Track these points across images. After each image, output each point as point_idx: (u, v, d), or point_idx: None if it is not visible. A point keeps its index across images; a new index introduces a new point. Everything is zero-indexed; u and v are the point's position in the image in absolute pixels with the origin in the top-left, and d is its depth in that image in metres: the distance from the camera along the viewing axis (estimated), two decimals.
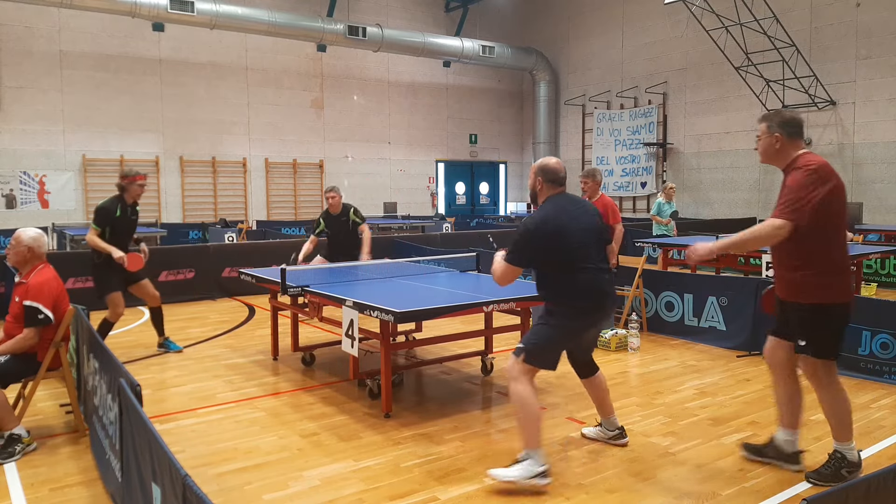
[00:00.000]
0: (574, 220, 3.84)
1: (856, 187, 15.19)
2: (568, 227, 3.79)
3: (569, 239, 3.78)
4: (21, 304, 4.32)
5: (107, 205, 6.34)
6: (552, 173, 3.93)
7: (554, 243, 3.76)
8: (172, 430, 4.56)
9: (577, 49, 21.63)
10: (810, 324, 3.53)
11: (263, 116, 18.66)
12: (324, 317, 5.61)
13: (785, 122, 3.60)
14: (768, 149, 3.65)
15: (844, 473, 3.60)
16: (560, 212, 3.83)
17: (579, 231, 3.82)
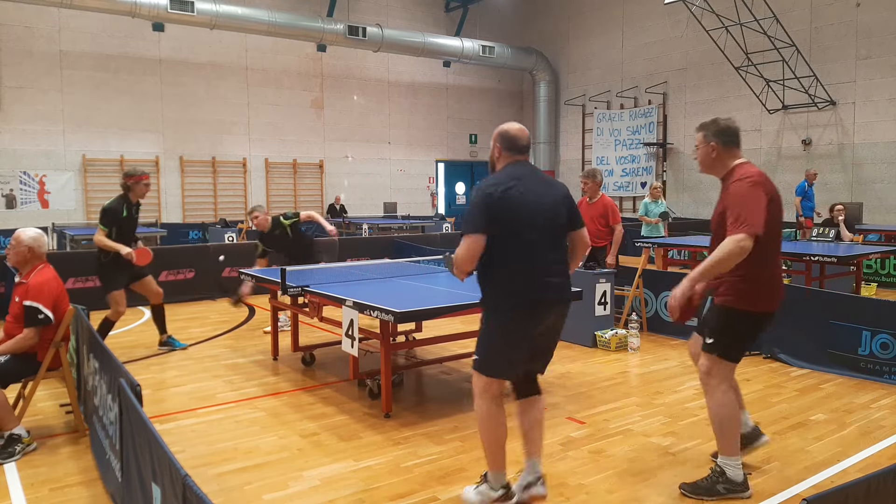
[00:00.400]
0: (530, 193, 3.28)
1: (856, 187, 15.19)
2: (521, 198, 3.25)
3: (518, 211, 3.23)
4: (21, 304, 4.32)
5: (113, 205, 6.41)
6: (510, 140, 3.45)
7: (502, 212, 3.21)
8: (172, 430, 4.56)
9: (577, 49, 21.63)
10: (723, 324, 3.52)
11: (263, 116, 18.66)
12: (324, 317, 5.61)
13: (721, 130, 3.57)
14: (705, 158, 3.64)
15: (721, 489, 3.46)
16: (514, 180, 3.29)
17: (534, 207, 3.26)
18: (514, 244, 3.24)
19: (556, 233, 3.36)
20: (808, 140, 16.13)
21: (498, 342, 3.30)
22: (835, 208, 10.78)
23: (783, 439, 4.34)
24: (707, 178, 18.36)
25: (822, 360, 5.92)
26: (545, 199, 3.33)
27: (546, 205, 3.32)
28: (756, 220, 3.27)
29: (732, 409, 3.52)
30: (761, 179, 3.43)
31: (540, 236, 3.27)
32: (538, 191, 3.33)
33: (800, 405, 5.02)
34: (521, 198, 3.25)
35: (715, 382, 3.55)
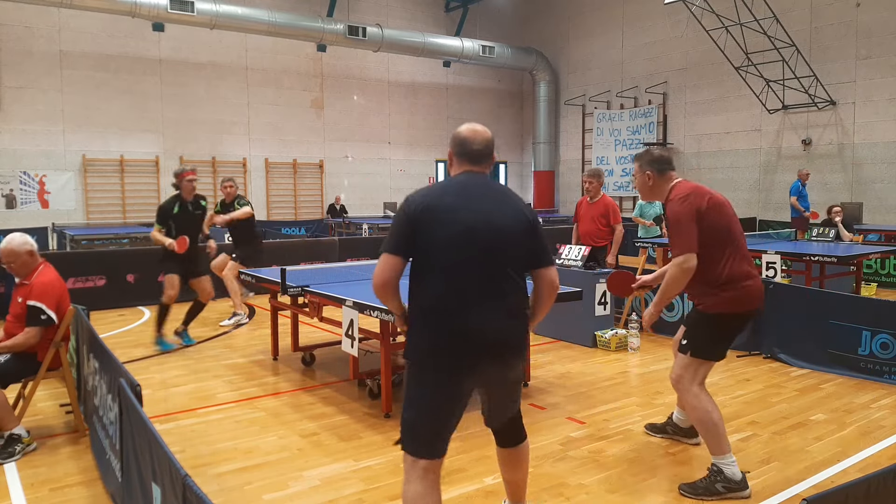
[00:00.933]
0: (466, 211, 2.61)
1: (856, 187, 15.19)
2: (447, 217, 2.59)
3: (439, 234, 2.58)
4: (24, 303, 4.31)
5: (165, 204, 6.95)
6: (459, 143, 2.85)
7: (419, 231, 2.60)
8: (172, 430, 4.56)
9: (577, 49, 21.63)
10: (694, 325, 3.77)
11: (263, 116, 18.66)
12: (324, 317, 5.61)
13: (654, 160, 3.79)
14: (642, 187, 3.85)
15: (720, 488, 3.50)
16: (448, 195, 2.67)
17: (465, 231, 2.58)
18: (426, 278, 2.65)
19: (497, 265, 2.63)
20: (808, 140, 16.13)
21: (417, 406, 2.66)
22: (833, 209, 10.79)
23: (783, 439, 4.34)
24: (707, 178, 18.36)
25: (822, 360, 5.91)
26: (489, 221, 2.62)
27: (488, 229, 2.60)
28: (687, 240, 3.49)
29: (707, 412, 3.57)
30: (692, 194, 3.59)
31: (468, 268, 2.59)
32: (480, 210, 2.64)
33: (800, 405, 5.02)
34: (449, 216, 2.59)
35: (687, 384, 3.65)
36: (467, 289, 2.59)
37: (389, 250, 2.65)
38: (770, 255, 7.81)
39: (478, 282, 2.60)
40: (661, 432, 4.38)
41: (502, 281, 2.64)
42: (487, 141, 2.82)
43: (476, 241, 2.60)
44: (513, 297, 2.67)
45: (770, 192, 17.02)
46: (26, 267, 4.44)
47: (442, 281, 2.61)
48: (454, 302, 2.59)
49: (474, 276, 2.60)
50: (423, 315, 2.66)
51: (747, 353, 6.43)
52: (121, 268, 9.43)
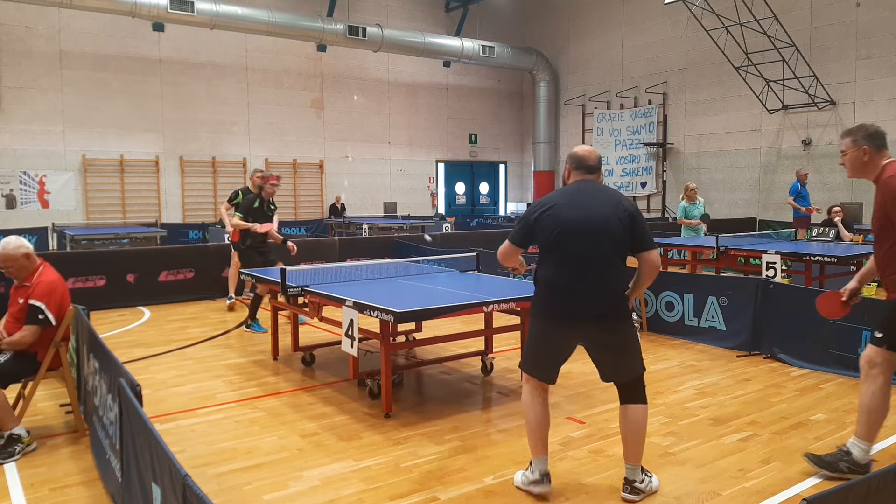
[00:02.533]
0: (574, 211, 3.41)
1: (856, 187, 15.19)
2: (557, 217, 3.42)
3: (551, 229, 3.42)
4: (25, 304, 4.31)
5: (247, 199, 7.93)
6: (577, 160, 3.61)
7: (536, 231, 3.48)
8: (172, 430, 4.56)
9: (577, 49, 21.63)
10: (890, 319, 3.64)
11: (263, 116, 18.66)
12: (324, 317, 5.61)
13: (870, 134, 3.67)
14: (856, 162, 3.74)
15: (843, 467, 3.64)
16: (562, 197, 3.50)
17: (571, 226, 3.39)
18: (547, 260, 3.49)
19: (599, 251, 3.39)
20: (808, 140, 16.13)
21: (531, 340, 3.60)
22: (833, 209, 10.79)
23: (783, 439, 4.34)
24: (707, 178, 18.38)
25: (822, 360, 5.91)
26: (592, 218, 3.40)
27: (590, 223, 3.39)
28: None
29: (883, 400, 3.62)
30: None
31: (574, 254, 3.39)
32: (585, 209, 3.42)
33: (800, 405, 5.02)
34: (558, 216, 3.42)
35: (875, 373, 3.64)
36: (575, 270, 3.40)
37: (511, 240, 3.59)
38: (770, 255, 7.81)
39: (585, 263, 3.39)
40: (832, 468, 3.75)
41: (603, 262, 3.39)
42: (597, 157, 3.63)
43: (582, 233, 3.38)
44: (609, 275, 3.41)
45: (770, 192, 17.02)
46: (24, 270, 4.43)
47: (554, 265, 3.45)
48: (564, 280, 3.42)
49: (582, 260, 3.39)
50: (543, 288, 3.51)
51: (747, 353, 6.43)
52: (121, 268, 9.42)
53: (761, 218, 16.76)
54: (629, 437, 3.52)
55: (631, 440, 3.51)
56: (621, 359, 3.52)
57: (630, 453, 3.52)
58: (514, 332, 5.65)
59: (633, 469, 3.53)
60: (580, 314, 3.41)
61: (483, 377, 5.85)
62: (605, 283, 3.40)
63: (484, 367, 5.90)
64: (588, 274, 3.39)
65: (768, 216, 16.74)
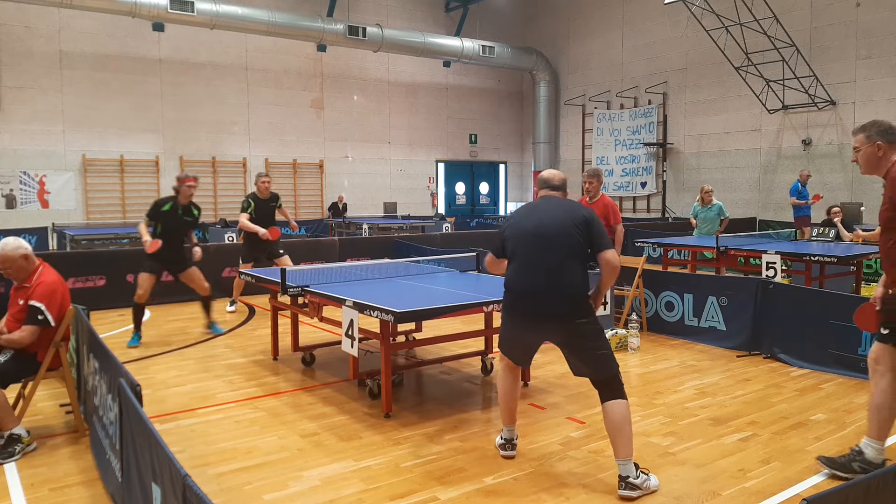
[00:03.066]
0: (533, 221, 3.83)
1: (856, 187, 15.19)
2: (520, 226, 3.87)
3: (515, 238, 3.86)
4: (25, 305, 4.31)
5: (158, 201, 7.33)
6: (541, 181, 4.07)
7: (506, 238, 3.91)
8: (172, 430, 4.56)
9: (577, 49, 21.63)
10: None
11: (263, 116, 18.66)
12: (324, 317, 5.61)
13: (884, 130, 3.61)
14: (870, 157, 3.65)
15: (856, 467, 3.68)
16: (524, 210, 4.02)
17: (531, 233, 3.79)
18: (510, 264, 3.89)
19: (552, 255, 3.70)
20: (808, 140, 16.13)
21: (501, 330, 4.04)
22: (832, 209, 10.79)
23: (783, 439, 4.34)
24: (707, 178, 18.37)
25: (822, 360, 5.91)
26: (543, 225, 3.76)
27: (542, 230, 3.75)
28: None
29: (891, 397, 3.63)
30: None
31: (528, 258, 3.76)
32: (538, 219, 3.82)
33: (800, 405, 5.02)
34: (517, 226, 3.88)
35: (882, 369, 3.66)
36: (532, 272, 3.74)
37: (492, 251, 4.04)
38: (770, 255, 7.81)
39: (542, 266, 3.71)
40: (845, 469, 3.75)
41: (560, 265, 3.68)
42: (560, 178, 4.04)
43: (540, 239, 3.74)
44: (567, 276, 3.68)
45: (770, 192, 17.02)
46: (23, 271, 4.42)
47: (516, 268, 3.83)
48: (523, 281, 3.78)
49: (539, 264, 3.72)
50: (507, 289, 3.88)
51: (747, 353, 6.43)
52: (121, 268, 9.41)
53: (761, 218, 16.76)
54: (613, 433, 3.60)
55: (616, 435, 3.59)
56: (587, 356, 3.69)
57: (618, 449, 3.59)
58: None
59: (625, 464, 3.56)
60: (536, 313, 3.74)
61: (483, 377, 5.85)
62: (559, 284, 3.67)
63: (484, 367, 5.90)
64: (542, 276, 3.69)
65: (768, 216, 16.74)
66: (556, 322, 3.69)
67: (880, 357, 3.65)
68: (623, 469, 3.56)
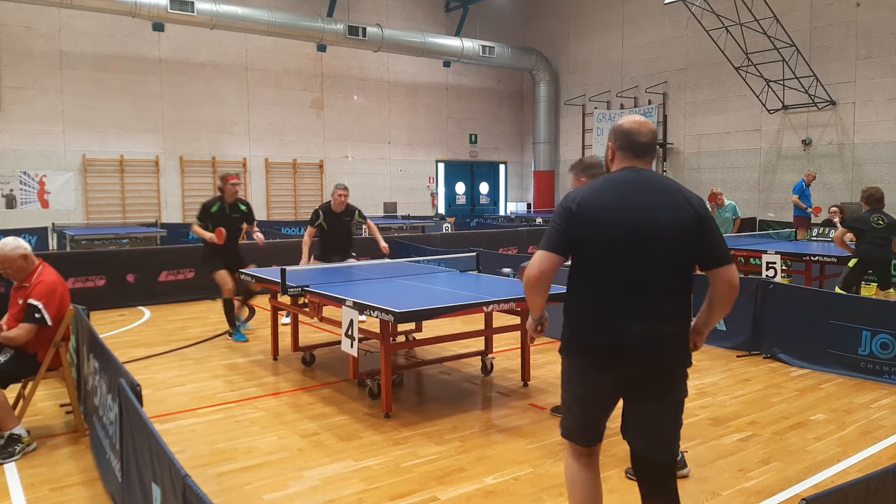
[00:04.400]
0: (625, 209, 2.50)
1: (856, 187, 15.17)
2: (610, 216, 2.51)
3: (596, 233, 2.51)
4: (25, 303, 4.30)
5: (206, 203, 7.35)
6: (623, 136, 2.64)
7: (581, 232, 2.54)
8: (172, 430, 4.56)
9: (577, 49, 21.63)
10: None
11: (263, 116, 18.65)
12: (324, 317, 5.61)
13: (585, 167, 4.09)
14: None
15: None
16: (607, 190, 2.57)
17: (622, 229, 2.49)
18: (588, 275, 2.57)
19: (658, 266, 2.50)
20: (808, 140, 16.13)
21: (565, 396, 2.71)
22: (832, 209, 10.78)
23: (783, 439, 4.34)
24: (707, 178, 18.38)
25: (822, 360, 5.91)
26: (649, 220, 2.49)
27: (647, 227, 2.49)
28: None
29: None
30: None
31: (625, 268, 2.50)
32: (642, 206, 2.51)
33: (800, 405, 5.02)
34: (606, 215, 2.51)
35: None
36: (624, 290, 2.50)
37: (545, 247, 2.57)
38: (770, 255, 7.81)
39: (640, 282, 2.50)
40: None
41: (664, 283, 2.52)
42: (651, 132, 2.65)
43: (636, 240, 2.49)
44: (668, 302, 2.53)
45: (770, 192, 17.02)
46: (23, 271, 4.42)
47: (598, 283, 2.54)
48: (609, 303, 2.52)
49: (636, 278, 2.50)
50: (579, 313, 2.61)
51: (747, 353, 6.43)
52: (121, 268, 9.42)
53: (761, 218, 16.76)
54: None
55: None
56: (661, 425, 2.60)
57: None
58: (514, 332, 5.65)
59: None
60: (628, 353, 2.51)
61: (483, 377, 5.85)
62: (668, 318, 2.53)
63: (484, 367, 5.90)
64: (638, 300, 2.51)
65: (768, 216, 16.74)
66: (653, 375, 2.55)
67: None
68: None
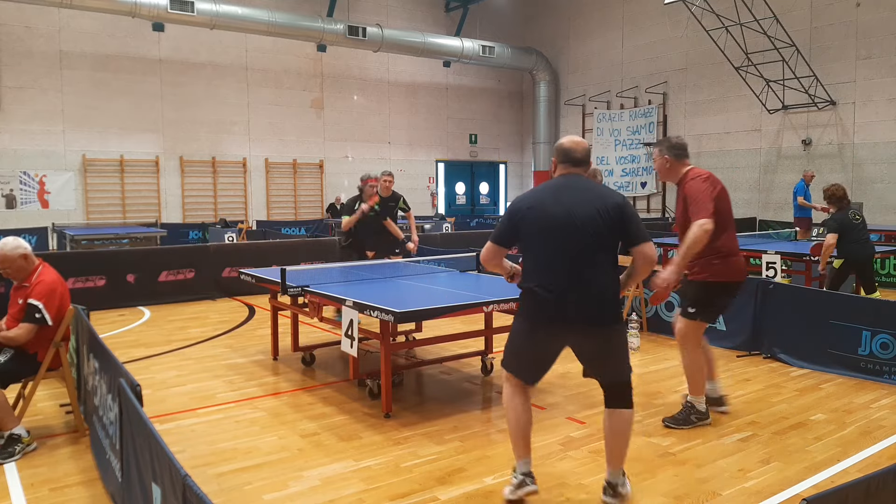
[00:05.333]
0: (558, 206, 3.27)
1: (856, 187, 15.18)
2: (542, 212, 3.29)
3: (534, 227, 3.30)
4: (25, 303, 4.31)
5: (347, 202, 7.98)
6: (562, 152, 3.47)
7: (521, 227, 3.35)
8: (172, 430, 4.56)
9: (577, 49, 21.63)
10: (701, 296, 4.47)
11: (263, 116, 18.65)
12: (324, 317, 5.60)
13: (672, 146, 4.50)
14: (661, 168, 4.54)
15: (693, 419, 4.53)
16: (545, 192, 3.38)
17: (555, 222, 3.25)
18: (529, 260, 3.37)
19: (584, 250, 3.23)
20: (808, 140, 16.13)
21: (512, 341, 3.51)
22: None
23: (783, 439, 4.34)
24: None
25: (822, 360, 5.91)
26: (574, 214, 3.24)
27: (573, 220, 3.23)
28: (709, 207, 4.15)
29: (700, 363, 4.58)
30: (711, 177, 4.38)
31: (557, 254, 3.25)
32: (567, 205, 3.26)
33: (800, 405, 5.02)
34: (540, 213, 3.30)
35: (689, 342, 4.54)
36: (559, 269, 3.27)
37: (492, 239, 3.46)
38: (770, 255, 7.81)
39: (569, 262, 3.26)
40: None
41: (589, 261, 3.25)
42: (584, 148, 3.50)
43: (567, 229, 3.25)
44: (597, 274, 3.26)
45: (770, 192, 17.02)
46: (23, 271, 4.42)
47: (537, 264, 3.32)
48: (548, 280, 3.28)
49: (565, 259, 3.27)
50: (527, 289, 3.37)
51: (747, 353, 6.43)
52: (121, 268, 9.42)
53: (761, 218, 16.76)
54: (613, 442, 3.40)
55: (615, 445, 3.39)
56: (608, 362, 3.42)
57: (614, 457, 3.41)
58: None
59: (616, 473, 3.42)
60: (566, 319, 3.26)
61: (483, 377, 5.85)
62: (592, 285, 3.24)
63: (484, 367, 5.90)
64: (575, 275, 3.23)
65: (768, 216, 16.74)
66: (589, 328, 3.30)
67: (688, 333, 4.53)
68: (613, 476, 3.41)
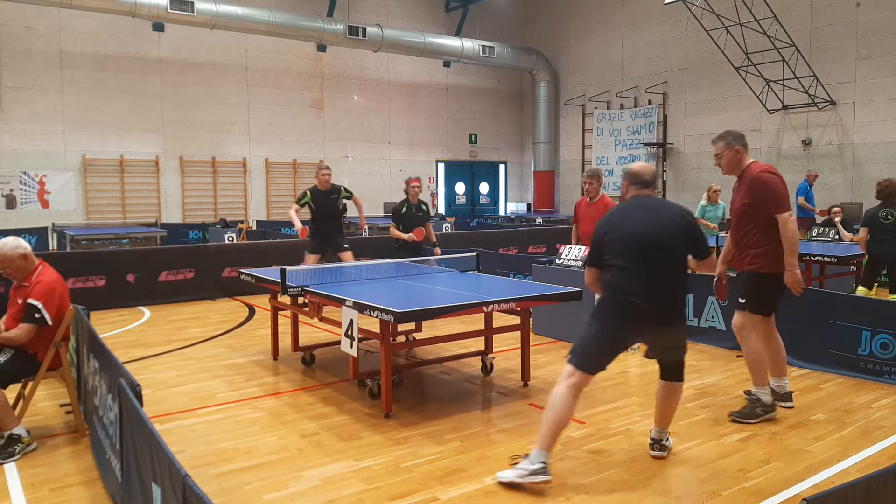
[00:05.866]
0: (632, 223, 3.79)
1: (856, 187, 15.18)
2: (623, 228, 3.81)
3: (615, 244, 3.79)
4: (24, 303, 4.30)
5: (395, 206, 8.16)
6: (632, 176, 4.04)
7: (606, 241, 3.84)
8: (172, 430, 4.56)
9: (577, 49, 21.63)
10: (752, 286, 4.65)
11: (263, 116, 18.65)
12: (324, 317, 5.61)
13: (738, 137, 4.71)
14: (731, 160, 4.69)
15: (759, 412, 4.60)
16: (621, 213, 3.93)
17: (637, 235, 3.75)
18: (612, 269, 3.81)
19: (669, 261, 3.75)
20: (808, 140, 16.13)
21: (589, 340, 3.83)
22: (833, 209, 10.78)
23: (783, 439, 4.34)
24: (707, 178, 18.37)
25: (822, 360, 5.91)
26: (658, 231, 3.76)
27: (657, 235, 3.74)
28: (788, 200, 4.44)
29: (759, 356, 4.69)
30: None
31: (635, 264, 3.72)
32: (650, 221, 3.79)
33: (800, 405, 5.01)
34: (624, 231, 3.80)
35: (746, 333, 4.67)
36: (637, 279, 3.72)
37: (589, 264, 3.99)
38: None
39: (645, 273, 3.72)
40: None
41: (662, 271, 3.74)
42: (652, 172, 4.06)
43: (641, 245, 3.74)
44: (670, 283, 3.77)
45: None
46: (22, 271, 4.42)
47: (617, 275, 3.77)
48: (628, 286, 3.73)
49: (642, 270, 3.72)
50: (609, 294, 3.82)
51: None
52: (121, 268, 9.42)
53: None
54: (666, 407, 4.00)
55: (667, 409, 4.01)
56: (673, 349, 3.94)
57: (664, 419, 4.04)
58: (514, 332, 5.65)
59: (662, 431, 4.07)
60: (648, 320, 3.74)
61: (483, 377, 5.85)
62: (674, 292, 3.78)
63: (484, 367, 5.90)
64: (658, 283, 3.71)
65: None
66: (667, 327, 3.81)
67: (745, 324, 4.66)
68: (658, 433, 4.07)
